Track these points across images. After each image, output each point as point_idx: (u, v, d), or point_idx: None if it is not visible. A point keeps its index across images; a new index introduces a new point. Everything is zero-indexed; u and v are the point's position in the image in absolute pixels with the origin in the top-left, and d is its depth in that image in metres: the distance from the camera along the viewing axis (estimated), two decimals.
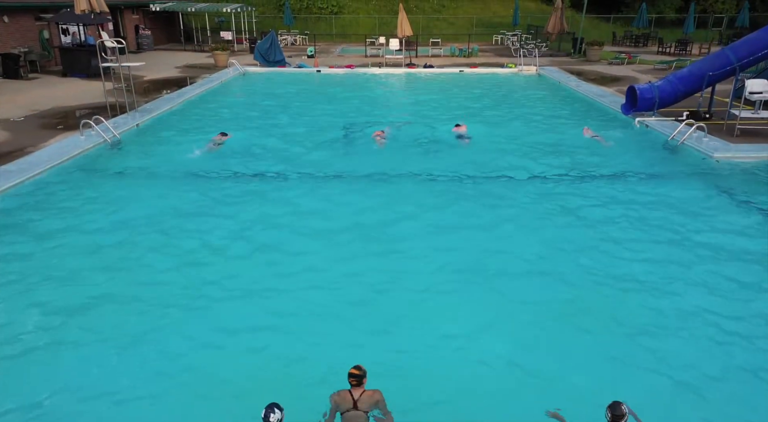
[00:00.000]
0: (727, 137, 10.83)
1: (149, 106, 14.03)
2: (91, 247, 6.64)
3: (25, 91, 15.74)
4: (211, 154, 10.52)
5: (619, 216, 7.64)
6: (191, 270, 6.22)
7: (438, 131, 12.30)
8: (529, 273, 6.18)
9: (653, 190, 8.56)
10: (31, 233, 6.94)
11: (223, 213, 7.72)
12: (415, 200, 8.27)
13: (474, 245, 6.84)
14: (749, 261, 6.35)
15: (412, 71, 21.68)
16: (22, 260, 6.31)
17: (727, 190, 8.51)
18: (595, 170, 9.52)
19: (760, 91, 10.98)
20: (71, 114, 13.17)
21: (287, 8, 32.80)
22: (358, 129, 12.61)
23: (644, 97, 12.41)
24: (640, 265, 6.30)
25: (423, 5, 40.07)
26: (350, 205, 8.09)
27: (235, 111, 14.47)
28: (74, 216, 7.50)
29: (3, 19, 17.71)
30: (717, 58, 12.19)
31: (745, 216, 7.58)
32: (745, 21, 30.58)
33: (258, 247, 6.78)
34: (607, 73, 20.37)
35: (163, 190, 8.64)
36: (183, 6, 28.67)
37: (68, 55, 18.47)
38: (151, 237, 6.93)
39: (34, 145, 10.31)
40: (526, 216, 7.71)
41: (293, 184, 8.96)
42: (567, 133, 11.99)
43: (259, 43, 22.61)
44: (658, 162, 10.01)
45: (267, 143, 11.34)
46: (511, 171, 9.48)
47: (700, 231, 7.13)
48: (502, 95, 17.06)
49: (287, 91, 17.61)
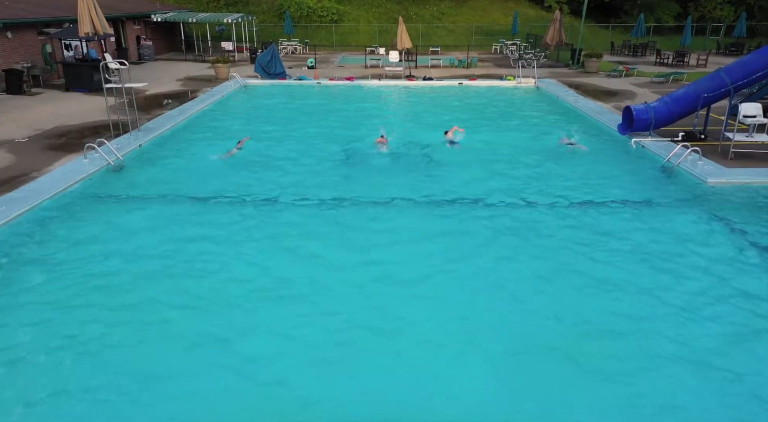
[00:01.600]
0: (721, 160, 10.99)
1: (151, 124, 14.20)
2: (95, 279, 6.80)
3: (29, 108, 15.92)
4: (223, 163, 11.24)
5: (608, 244, 7.79)
6: (195, 305, 6.39)
7: (436, 150, 12.48)
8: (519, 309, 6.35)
9: (646, 218, 8.69)
10: (36, 264, 7.10)
11: (223, 240, 7.89)
12: (412, 227, 8.45)
13: (458, 273, 7.02)
14: (740, 295, 6.50)
15: (412, 84, 21.86)
16: (28, 292, 6.47)
17: (719, 217, 8.66)
18: (589, 196, 9.66)
19: (754, 114, 11.15)
20: (74, 133, 13.34)
21: (288, 17, 33.03)
22: (357, 147, 12.80)
23: (640, 117, 12.58)
24: (625, 295, 6.48)
25: (423, 13, 40.32)
26: (349, 233, 8.26)
27: (235, 130, 14.60)
28: (77, 247, 7.63)
29: (7, 35, 17.89)
30: (711, 80, 12.36)
31: (735, 246, 7.72)
32: (742, 30, 30.80)
33: (268, 278, 6.93)
34: (604, 87, 20.53)
35: (165, 217, 8.77)
36: (184, 16, 28.89)
37: (71, 70, 18.64)
38: (154, 268, 7.09)
39: (39, 170, 10.46)
40: (529, 246, 7.87)
41: (298, 209, 9.09)
42: (563, 156, 12.12)
43: (259, 55, 22.79)
44: (653, 186, 10.16)
45: (269, 163, 11.53)
46: (508, 197, 9.65)
47: (687, 260, 7.29)
48: (499, 112, 17.19)
49: (287, 106, 17.80)
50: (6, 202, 8.70)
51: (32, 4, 21.53)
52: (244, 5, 39.94)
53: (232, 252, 7.61)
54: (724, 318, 6.08)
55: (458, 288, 6.75)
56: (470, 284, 6.83)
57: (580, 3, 38.42)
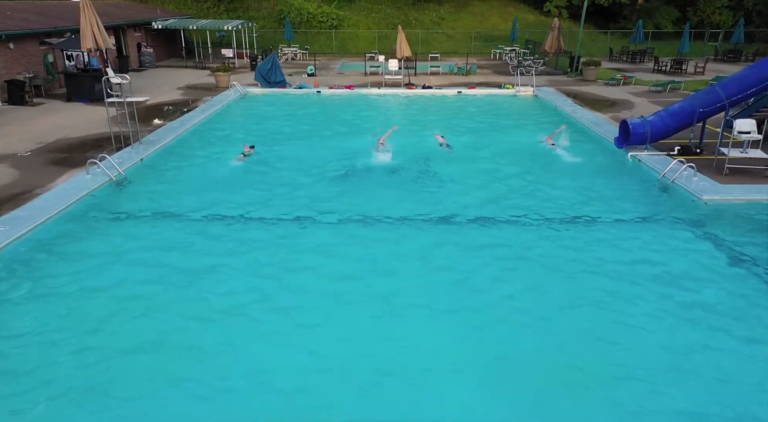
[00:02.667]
0: (716, 175, 11.12)
1: (152, 137, 14.33)
2: (96, 302, 6.92)
3: (31, 120, 16.05)
4: (223, 177, 11.55)
5: (600, 264, 7.94)
6: (197, 326, 6.51)
7: (435, 162, 12.62)
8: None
9: (639, 237, 8.82)
10: (40, 285, 7.23)
11: (223, 262, 8.02)
12: (411, 245, 8.57)
13: (454, 291, 7.15)
14: (732, 319, 6.63)
15: (411, 93, 21.99)
16: (27, 316, 6.60)
17: (713, 237, 8.79)
18: (584, 212, 9.80)
19: (748, 130, 11.28)
20: (76, 147, 13.47)
21: (288, 24, 33.16)
22: (356, 160, 12.94)
23: (637, 132, 12.71)
24: (611, 316, 6.65)
25: (422, 18, 40.48)
26: (345, 250, 8.39)
27: (235, 142, 14.72)
28: (79, 267, 7.77)
29: (9, 46, 18.03)
30: (707, 94, 12.50)
31: (727, 268, 7.85)
32: (740, 37, 30.95)
33: (272, 301, 7.06)
34: (602, 96, 20.67)
35: (167, 235, 8.90)
36: (184, 23, 29.03)
37: (72, 81, 18.78)
38: (157, 290, 7.22)
39: (42, 186, 10.59)
40: (524, 264, 8.00)
41: (300, 228, 9.23)
42: (560, 169, 12.26)
43: (260, 64, 22.93)
44: (648, 203, 10.29)
45: (270, 177, 11.69)
46: (501, 212, 9.78)
47: (678, 281, 7.42)
48: (496, 122, 17.29)
49: (287, 117, 17.91)
50: (10, 221, 8.83)
51: (34, 14, 21.69)
52: (244, 10, 40.11)
53: (234, 269, 7.76)
54: (715, 339, 6.22)
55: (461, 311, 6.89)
56: (471, 310, 6.96)
57: (579, 8, 38.65)
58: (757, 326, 6.47)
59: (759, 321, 6.56)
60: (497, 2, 44.29)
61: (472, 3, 42.92)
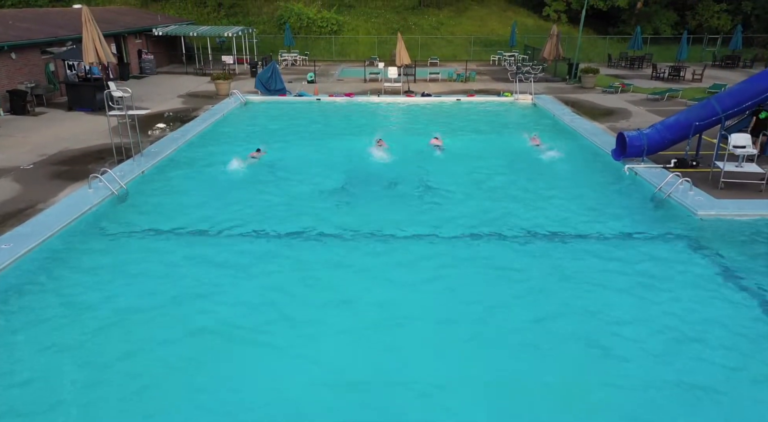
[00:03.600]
0: (712, 190, 11.24)
1: (154, 148, 14.45)
2: (98, 318, 7.05)
3: (33, 131, 16.17)
4: (224, 189, 11.69)
5: (595, 280, 8.09)
6: (199, 345, 6.63)
7: (433, 173, 12.74)
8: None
9: (634, 252, 8.96)
10: (44, 305, 7.35)
11: (224, 274, 8.14)
12: (412, 264, 8.69)
13: (450, 304, 7.28)
14: (725, 336, 6.75)
15: (411, 100, 22.12)
16: (27, 337, 6.72)
17: (707, 254, 8.91)
18: (579, 228, 9.91)
19: (743, 145, 11.41)
20: (78, 159, 13.58)
21: (287, 30, 33.29)
22: (355, 170, 13.09)
23: (633, 144, 12.84)
24: (598, 334, 6.77)
25: (422, 23, 40.61)
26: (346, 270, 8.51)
27: (236, 153, 14.82)
28: (82, 284, 7.90)
29: (11, 56, 18.15)
30: (703, 107, 12.62)
31: (720, 287, 7.97)
32: (738, 43, 31.07)
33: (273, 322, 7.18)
34: (600, 105, 20.79)
35: (167, 253, 9.01)
36: (185, 30, 29.16)
37: (74, 90, 18.90)
38: (159, 312, 7.34)
39: (45, 201, 10.71)
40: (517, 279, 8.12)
41: (303, 245, 9.34)
42: (557, 183, 12.34)
43: (260, 72, 23.06)
44: (644, 218, 10.40)
45: (270, 190, 11.82)
46: (495, 227, 9.91)
47: (671, 298, 7.55)
48: (494, 132, 17.39)
49: (287, 126, 18.02)
50: (14, 238, 8.95)
51: (35, 22, 21.81)
52: (244, 15, 40.25)
53: (234, 287, 7.88)
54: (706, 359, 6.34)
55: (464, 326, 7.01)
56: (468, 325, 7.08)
57: (578, 12, 38.78)
58: (747, 345, 6.60)
59: (748, 340, 6.69)
60: (496, 7, 44.44)
61: (471, 8, 43.07)
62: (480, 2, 43.66)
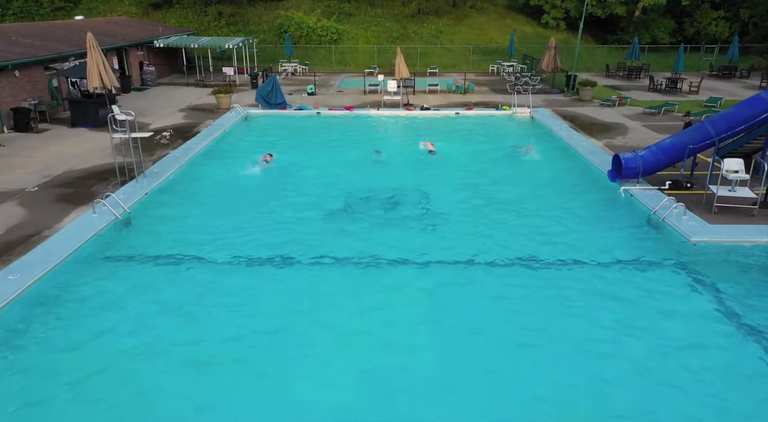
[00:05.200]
0: (705, 213, 11.43)
1: (156, 168, 14.64)
2: (100, 355, 7.25)
3: (37, 150, 16.36)
4: (226, 211, 11.92)
5: (587, 308, 8.34)
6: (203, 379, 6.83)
7: (433, 197, 12.95)
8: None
9: (628, 279, 9.19)
10: (47, 339, 7.55)
11: (223, 305, 8.34)
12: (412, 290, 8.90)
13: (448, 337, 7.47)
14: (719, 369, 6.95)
15: (410, 114, 22.31)
16: (28, 372, 6.92)
17: (700, 281, 9.11)
18: (573, 254, 10.10)
19: (736, 169, 11.61)
20: (82, 180, 13.77)
21: (288, 40, 33.50)
22: (356, 191, 13.31)
23: (629, 166, 13.04)
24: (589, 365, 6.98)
25: (421, 31, 40.85)
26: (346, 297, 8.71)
27: (235, 174, 15.01)
28: (85, 319, 8.08)
29: (14, 74, 18.35)
30: (697, 130, 12.83)
31: (714, 317, 8.17)
32: (735, 53, 31.27)
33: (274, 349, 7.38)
34: (598, 119, 20.99)
35: (171, 281, 9.20)
36: (186, 42, 29.38)
37: (77, 107, 19.10)
38: (162, 342, 7.53)
39: (50, 227, 10.91)
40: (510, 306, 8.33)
41: (300, 269, 9.55)
42: (553, 208, 12.45)
43: (260, 86, 23.26)
44: (639, 243, 10.58)
45: (271, 212, 12.02)
46: (492, 253, 10.11)
47: (664, 327, 7.76)
48: (493, 148, 17.56)
49: (287, 142, 18.20)
50: (20, 268, 9.14)
51: (38, 37, 22.02)
52: (245, 24, 40.50)
53: (234, 311, 8.10)
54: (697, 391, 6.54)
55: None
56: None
57: (577, 20, 39.01)
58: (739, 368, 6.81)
59: (740, 368, 6.90)
60: (495, 14, 44.70)
61: (470, 15, 43.32)
62: (479, 10, 43.92)
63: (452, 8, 43.84)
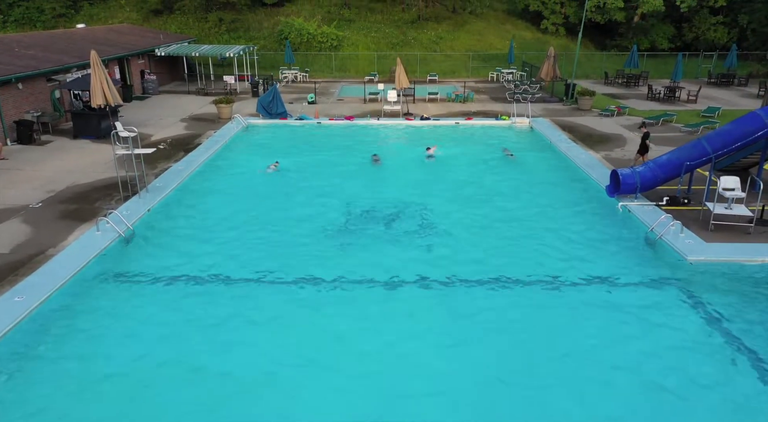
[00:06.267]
0: (702, 231, 11.56)
1: (158, 182, 14.77)
2: (105, 378, 7.39)
3: (40, 163, 16.49)
4: (228, 229, 11.76)
5: (583, 330, 8.48)
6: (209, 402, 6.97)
7: (433, 212, 13.08)
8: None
9: (624, 300, 9.32)
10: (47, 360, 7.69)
11: (226, 326, 8.47)
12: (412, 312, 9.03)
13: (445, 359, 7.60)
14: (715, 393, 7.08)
15: (410, 124, 22.45)
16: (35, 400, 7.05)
17: (697, 302, 9.24)
18: (571, 273, 10.24)
19: (732, 187, 11.74)
20: (85, 195, 13.89)
21: (288, 47, 33.66)
22: (356, 206, 13.46)
23: (627, 182, 13.17)
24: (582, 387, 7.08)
25: (421, 37, 41.01)
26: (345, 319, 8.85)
27: (236, 187, 15.13)
28: (91, 337, 8.25)
29: (18, 87, 18.49)
30: (694, 147, 12.96)
31: (709, 339, 8.31)
32: (733, 62, 31.42)
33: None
34: (597, 130, 21.12)
35: (172, 302, 9.33)
36: (187, 50, 29.52)
37: (79, 119, 19.23)
38: (165, 367, 7.67)
39: (54, 245, 11.04)
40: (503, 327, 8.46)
41: (309, 291, 9.67)
42: (551, 224, 12.58)
43: (261, 96, 23.41)
44: (636, 261, 10.71)
45: (273, 233, 12.12)
46: (491, 272, 10.26)
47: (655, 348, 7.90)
48: (491, 162, 17.69)
49: (288, 152, 18.32)
50: (26, 290, 9.27)
51: (41, 49, 22.16)
52: (245, 30, 40.65)
53: (237, 332, 8.22)
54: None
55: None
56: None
57: (576, 25, 39.17)
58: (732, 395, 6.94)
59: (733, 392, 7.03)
60: (495, 20, 44.86)
61: (469, 21, 43.45)
62: (478, 15, 44.06)
63: (452, 14, 43.99)
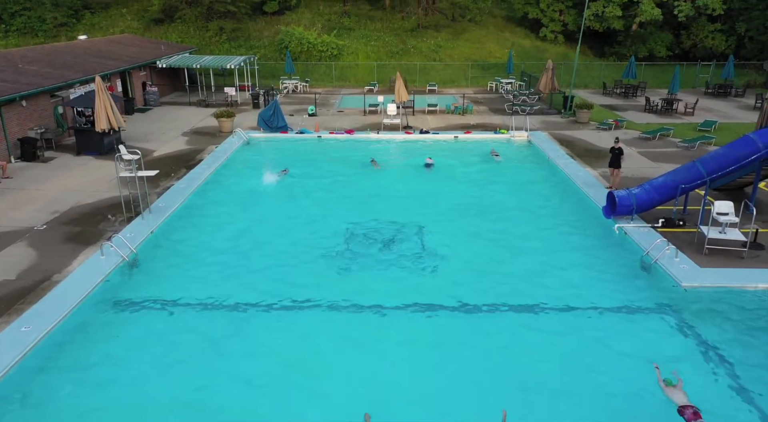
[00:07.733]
0: (697, 255, 11.75)
1: (161, 201, 14.96)
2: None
3: (44, 182, 16.66)
4: (228, 256, 12.17)
5: (578, 358, 8.68)
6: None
7: (430, 234, 13.27)
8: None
9: (618, 325, 9.56)
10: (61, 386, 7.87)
11: (226, 352, 8.66)
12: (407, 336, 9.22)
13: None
14: None
15: (410, 138, 22.65)
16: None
17: (690, 333, 9.42)
18: (566, 298, 10.43)
19: (726, 212, 11.93)
20: (90, 217, 14.07)
21: (288, 57, 33.88)
22: (356, 227, 13.66)
23: (623, 204, 13.37)
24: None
25: (420, 46, 41.23)
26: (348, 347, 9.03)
27: (239, 207, 15.31)
28: (95, 366, 8.44)
29: (21, 104, 18.68)
30: (688, 170, 13.17)
31: (701, 368, 8.49)
32: (730, 73, 31.64)
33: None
34: (594, 145, 21.32)
35: (178, 329, 9.53)
36: (188, 61, 29.72)
37: (82, 136, 19.40)
38: (169, 398, 7.85)
39: (59, 271, 11.23)
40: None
41: (301, 315, 9.87)
42: (547, 247, 12.76)
43: (262, 110, 23.63)
44: (631, 287, 10.88)
45: (274, 256, 12.31)
46: (489, 296, 10.46)
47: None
48: (489, 178, 17.86)
49: (288, 167, 18.52)
50: (32, 319, 9.43)
51: (44, 64, 22.36)
52: (246, 39, 40.87)
53: (244, 363, 8.41)
54: None
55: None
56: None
57: (575, 33, 39.40)
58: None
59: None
60: (494, 27, 45.09)
61: (468, 29, 43.68)
62: (477, 23, 44.29)
63: (451, 22, 44.20)
